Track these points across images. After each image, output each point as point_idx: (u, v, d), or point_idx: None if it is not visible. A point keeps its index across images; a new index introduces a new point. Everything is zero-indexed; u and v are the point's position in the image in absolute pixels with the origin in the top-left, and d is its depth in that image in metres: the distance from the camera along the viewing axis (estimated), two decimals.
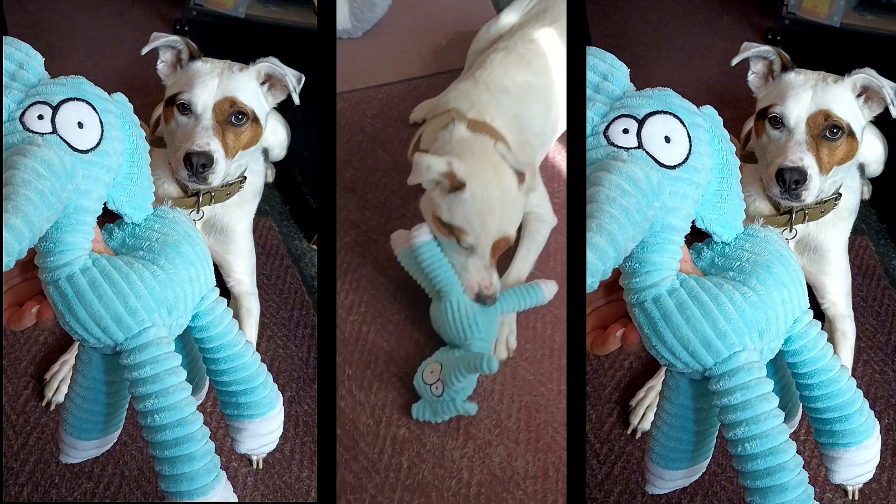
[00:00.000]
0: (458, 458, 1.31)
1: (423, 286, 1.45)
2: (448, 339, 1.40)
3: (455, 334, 1.38)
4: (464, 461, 1.30)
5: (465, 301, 1.39)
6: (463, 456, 1.31)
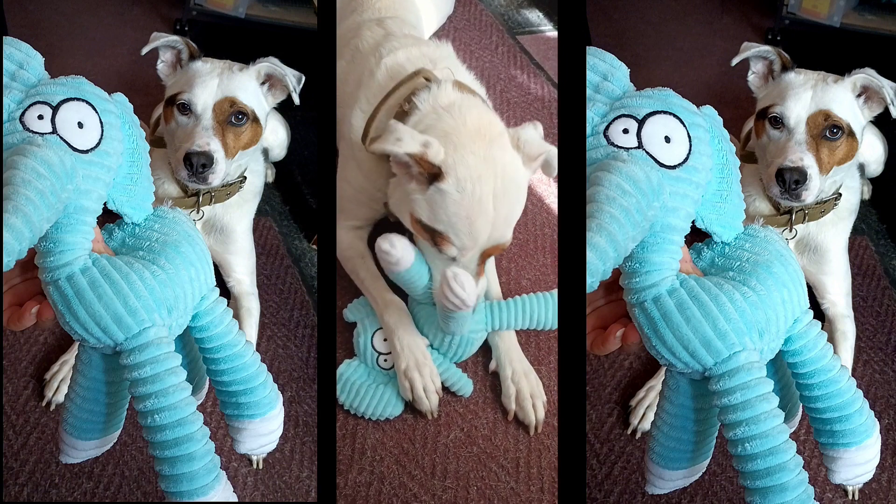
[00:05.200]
0: (452, 448, 1.29)
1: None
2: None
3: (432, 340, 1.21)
4: (453, 450, 1.21)
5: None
6: (453, 444, 1.26)
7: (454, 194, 1.01)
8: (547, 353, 1.25)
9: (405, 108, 1.10)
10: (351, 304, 1.33)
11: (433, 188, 1.01)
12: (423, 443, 1.16)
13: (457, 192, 1.01)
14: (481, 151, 1.02)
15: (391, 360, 1.20)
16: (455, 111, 1.06)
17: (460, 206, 1.02)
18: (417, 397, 1.15)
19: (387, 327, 1.17)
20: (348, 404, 1.19)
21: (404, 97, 1.10)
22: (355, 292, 1.53)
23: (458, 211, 1.02)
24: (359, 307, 1.33)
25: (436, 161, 1.00)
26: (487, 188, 1.02)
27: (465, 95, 1.10)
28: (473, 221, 1.02)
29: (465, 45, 1.85)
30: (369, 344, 1.19)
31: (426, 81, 1.11)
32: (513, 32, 1.95)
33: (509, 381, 1.19)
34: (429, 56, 1.20)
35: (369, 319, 1.22)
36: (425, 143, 1.02)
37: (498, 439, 1.18)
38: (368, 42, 1.26)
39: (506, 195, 1.03)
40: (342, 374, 1.20)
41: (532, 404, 1.18)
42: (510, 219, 1.07)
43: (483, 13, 1.98)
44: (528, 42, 1.92)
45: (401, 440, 1.16)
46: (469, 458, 1.16)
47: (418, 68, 1.15)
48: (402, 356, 1.14)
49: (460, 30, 1.91)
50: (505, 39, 1.90)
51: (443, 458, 1.14)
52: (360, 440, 1.17)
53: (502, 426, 1.19)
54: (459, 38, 1.91)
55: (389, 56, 1.20)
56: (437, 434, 1.16)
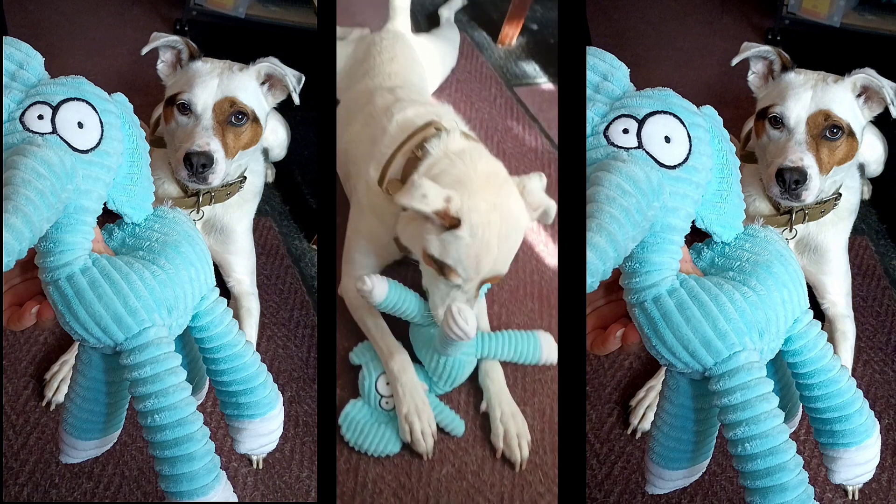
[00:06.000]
0: (444, 482, 1.31)
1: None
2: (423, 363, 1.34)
3: (428, 366, 1.31)
4: (445, 484, 1.28)
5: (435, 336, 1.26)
6: (445, 479, 1.30)
7: (467, 239, 1.13)
8: (532, 395, 1.33)
9: (418, 155, 1.22)
10: (356, 347, 1.40)
11: (449, 234, 1.13)
12: (419, 477, 1.24)
13: (469, 237, 1.13)
14: (491, 198, 1.13)
15: (392, 402, 1.29)
16: (466, 157, 1.17)
17: (471, 248, 1.14)
18: (416, 440, 1.24)
19: (390, 373, 1.27)
20: (352, 441, 1.27)
21: (417, 144, 1.22)
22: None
23: (469, 252, 1.14)
24: (364, 351, 1.39)
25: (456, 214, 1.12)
26: (494, 231, 1.13)
27: (473, 143, 1.22)
28: (480, 260, 1.15)
29: (466, 96, 1.91)
30: (373, 387, 1.28)
31: (436, 130, 1.23)
32: (510, 84, 2.02)
33: (498, 422, 1.27)
34: (435, 112, 1.33)
35: (373, 364, 1.30)
36: (447, 199, 1.13)
37: (486, 475, 1.26)
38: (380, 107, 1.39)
39: (508, 237, 1.16)
40: (347, 414, 1.29)
41: (518, 443, 1.26)
42: (510, 256, 1.19)
43: (483, 65, 2.05)
44: (525, 94, 1.99)
45: (398, 475, 1.25)
46: (459, 492, 1.25)
47: (428, 120, 1.27)
48: (404, 402, 1.23)
49: (462, 81, 1.96)
50: (503, 91, 1.97)
51: (435, 491, 1.23)
52: (363, 474, 1.25)
53: (490, 463, 1.27)
54: (461, 90, 1.95)
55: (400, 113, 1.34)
56: (430, 470, 1.25)
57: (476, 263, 1.15)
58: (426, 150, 1.22)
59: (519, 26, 2.08)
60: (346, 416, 1.29)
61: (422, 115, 1.32)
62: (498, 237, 1.14)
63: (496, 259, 1.16)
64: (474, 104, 1.89)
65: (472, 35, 2.09)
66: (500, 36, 2.09)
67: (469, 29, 2.10)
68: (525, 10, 2.06)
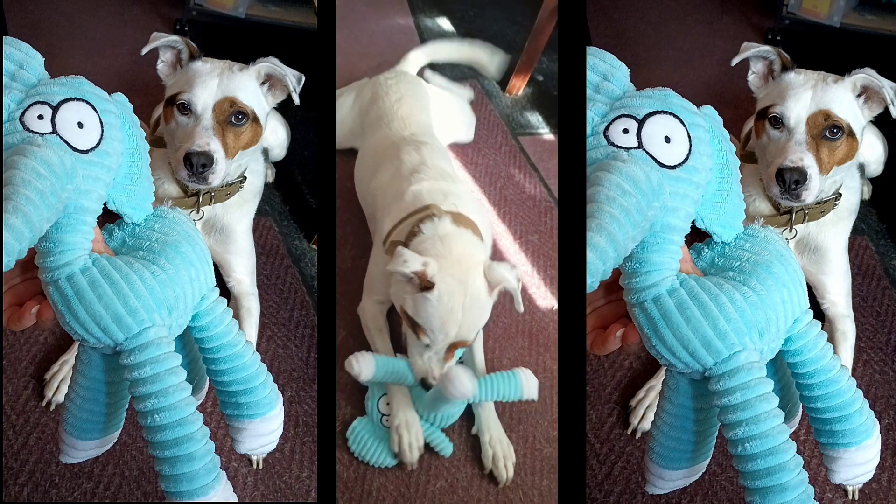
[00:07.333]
0: (438, 495, 1.34)
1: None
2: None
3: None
4: (438, 496, 1.34)
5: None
6: (439, 492, 1.33)
7: (434, 303, 1.29)
8: (518, 423, 1.44)
9: (415, 231, 1.39)
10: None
11: (421, 295, 1.29)
12: (416, 488, 1.35)
13: (436, 301, 1.29)
14: (458, 275, 1.30)
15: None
16: (447, 241, 1.36)
17: (437, 311, 1.29)
18: (402, 450, 1.35)
19: (390, 394, 1.39)
20: (357, 453, 1.37)
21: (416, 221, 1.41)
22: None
23: (435, 314, 1.29)
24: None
25: (430, 278, 1.29)
26: (458, 302, 1.29)
27: (459, 229, 1.39)
28: (444, 324, 1.29)
29: (475, 142, 2.01)
30: (376, 406, 1.38)
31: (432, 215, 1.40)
32: (514, 133, 2.10)
33: (487, 445, 1.39)
34: (443, 190, 1.50)
35: (377, 386, 1.40)
36: (425, 263, 1.30)
37: (473, 490, 1.36)
38: (407, 167, 1.58)
39: (471, 308, 1.30)
40: (354, 429, 1.38)
41: (504, 464, 1.37)
42: (473, 326, 1.33)
43: (492, 113, 2.13)
44: (527, 143, 2.08)
45: (399, 485, 1.34)
46: None
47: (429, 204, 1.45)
48: (396, 417, 1.36)
49: (475, 127, 2.04)
50: (507, 140, 2.06)
51: (430, 502, 1.34)
52: (368, 483, 1.34)
53: (478, 480, 1.37)
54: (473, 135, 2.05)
55: (417, 185, 1.52)
56: (426, 483, 1.35)
57: (441, 325, 1.29)
58: (420, 230, 1.39)
59: (527, 78, 2.19)
60: (353, 430, 1.38)
61: (432, 191, 1.49)
62: (462, 307, 1.29)
63: (461, 325, 1.30)
64: (481, 150, 2.00)
65: (483, 84, 2.20)
66: (508, 86, 2.20)
67: (481, 77, 2.21)
68: (534, 63, 2.16)
